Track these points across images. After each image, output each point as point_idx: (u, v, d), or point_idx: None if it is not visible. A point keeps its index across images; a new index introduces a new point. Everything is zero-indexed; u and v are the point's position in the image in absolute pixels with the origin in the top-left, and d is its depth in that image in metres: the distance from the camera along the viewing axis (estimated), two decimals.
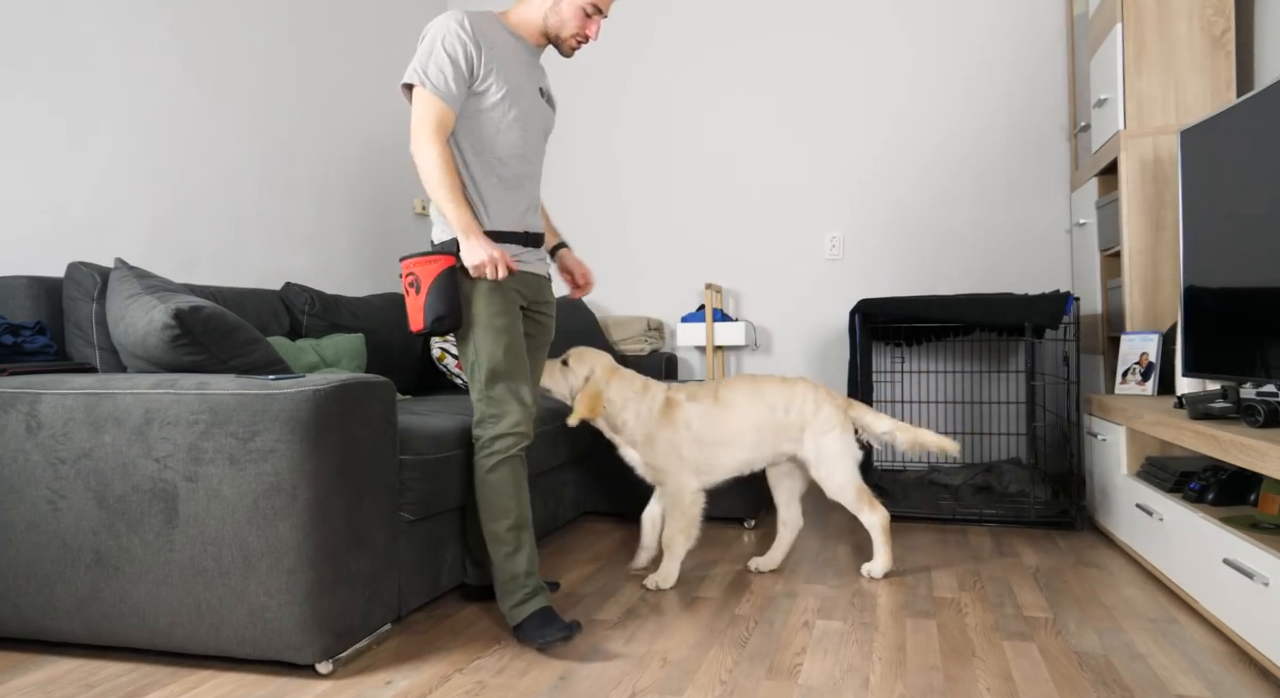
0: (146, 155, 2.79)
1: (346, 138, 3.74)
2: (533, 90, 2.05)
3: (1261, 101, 2.02)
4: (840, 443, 2.39)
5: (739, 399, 2.40)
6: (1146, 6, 2.86)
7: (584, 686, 1.70)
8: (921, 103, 3.92)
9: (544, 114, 2.10)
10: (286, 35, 3.40)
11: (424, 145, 1.88)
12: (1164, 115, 2.85)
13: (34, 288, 2.21)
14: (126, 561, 1.78)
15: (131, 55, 2.74)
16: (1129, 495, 2.53)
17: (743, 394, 2.40)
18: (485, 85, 1.94)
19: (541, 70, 2.13)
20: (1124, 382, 2.87)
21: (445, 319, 1.89)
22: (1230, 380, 2.14)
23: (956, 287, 3.86)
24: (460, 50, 1.89)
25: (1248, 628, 1.76)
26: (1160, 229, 2.82)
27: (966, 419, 3.84)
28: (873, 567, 2.42)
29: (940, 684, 1.68)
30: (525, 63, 2.04)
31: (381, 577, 1.90)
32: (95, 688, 1.70)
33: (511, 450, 1.96)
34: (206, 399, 1.74)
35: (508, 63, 1.98)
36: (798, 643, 1.92)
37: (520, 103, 2.00)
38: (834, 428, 2.39)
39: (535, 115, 2.05)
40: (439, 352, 3.37)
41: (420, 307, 1.89)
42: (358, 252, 3.81)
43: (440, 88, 1.88)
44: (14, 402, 1.85)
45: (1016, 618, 2.06)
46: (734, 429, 2.38)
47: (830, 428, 2.39)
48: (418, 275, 1.90)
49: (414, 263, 1.91)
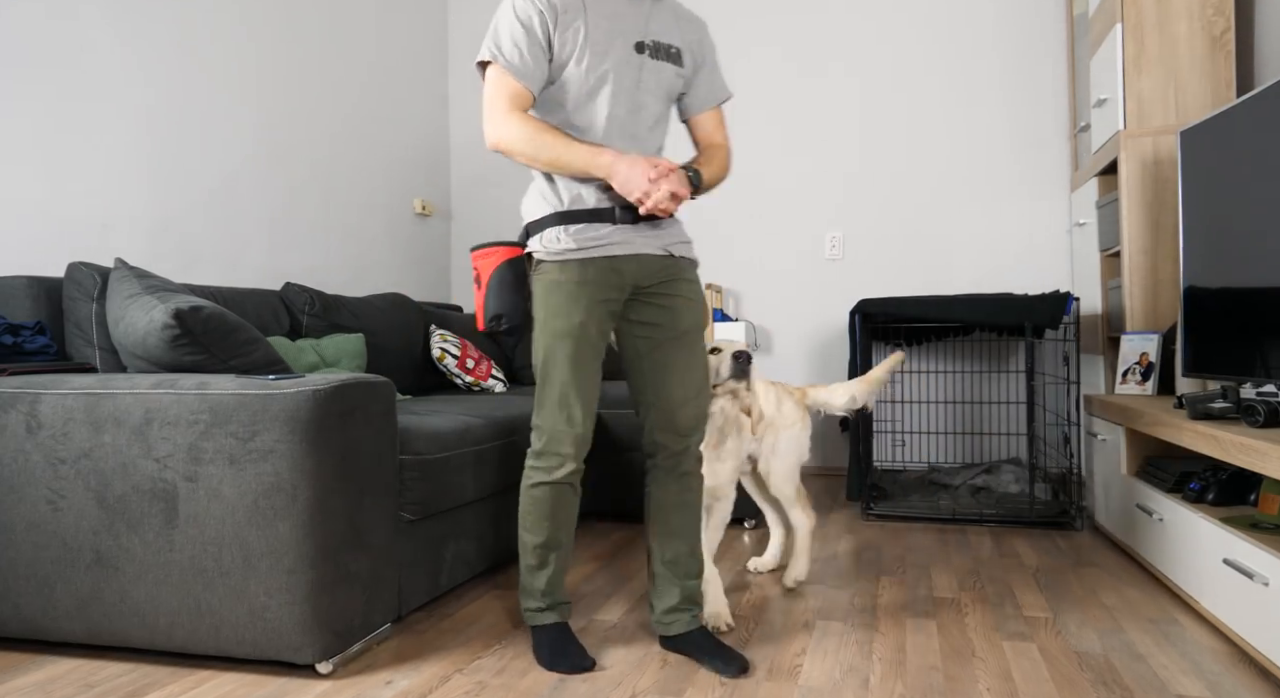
0: (147, 155, 2.79)
1: (346, 138, 3.75)
2: (625, 46, 1.74)
3: (1261, 101, 2.02)
4: (794, 439, 2.31)
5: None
6: (1146, 6, 2.86)
7: (584, 686, 1.70)
8: (921, 103, 3.92)
9: (646, 70, 1.76)
10: (287, 35, 3.40)
11: (499, 126, 1.68)
12: (1164, 115, 2.85)
13: (34, 288, 2.21)
14: (126, 561, 1.78)
15: (132, 55, 2.74)
16: (1129, 496, 2.53)
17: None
18: (563, 52, 1.71)
19: (650, 15, 1.79)
20: (1124, 382, 2.87)
21: (503, 318, 1.74)
22: (1230, 380, 2.14)
23: (956, 287, 3.86)
24: (536, 18, 1.69)
25: (1248, 628, 1.76)
26: (1160, 229, 2.82)
27: (966, 419, 3.84)
28: (796, 573, 2.31)
29: (940, 684, 1.68)
30: (617, 13, 1.75)
31: (381, 577, 1.90)
32: (95, 688, 1.70)
33: (555, 475, 1.77)
34: (206, 399, 1.74)
35: (592, 18, 1.72)
36: (798, 643, 1.92)
37: (605, 63, 1.72)
38: (794, 424, 2.32)
39: (627, 74, 1.73)
40: (439, 352, 3.36)
41: (480, 304, 1.76)
42: (358, 252, 3.81)
43: (514, 63, 1.68)
44: (14, 402, 1.85)
45: (1016, 618, 2.06)
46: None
47: (790, 423, 2.31)
48: (479, 269, 1.76)
49: (478, 255, 1.76)
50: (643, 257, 1.77)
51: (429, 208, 4.34)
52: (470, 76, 4.54)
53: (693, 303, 1.83)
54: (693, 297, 1.83)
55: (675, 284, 1.81)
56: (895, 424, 3.86)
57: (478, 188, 4.57)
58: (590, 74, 1.71)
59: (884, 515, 3.14)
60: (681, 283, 1.82)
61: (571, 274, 1.72)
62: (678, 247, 1.82)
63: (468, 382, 3.36)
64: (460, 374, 3.35)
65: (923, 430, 3.85)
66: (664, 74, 1.79)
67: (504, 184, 4.50)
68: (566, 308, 1.71)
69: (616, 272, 1.74)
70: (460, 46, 4.57)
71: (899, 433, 3.87)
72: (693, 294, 1.83)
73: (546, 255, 1.74)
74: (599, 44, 1.71)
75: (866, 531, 2.96)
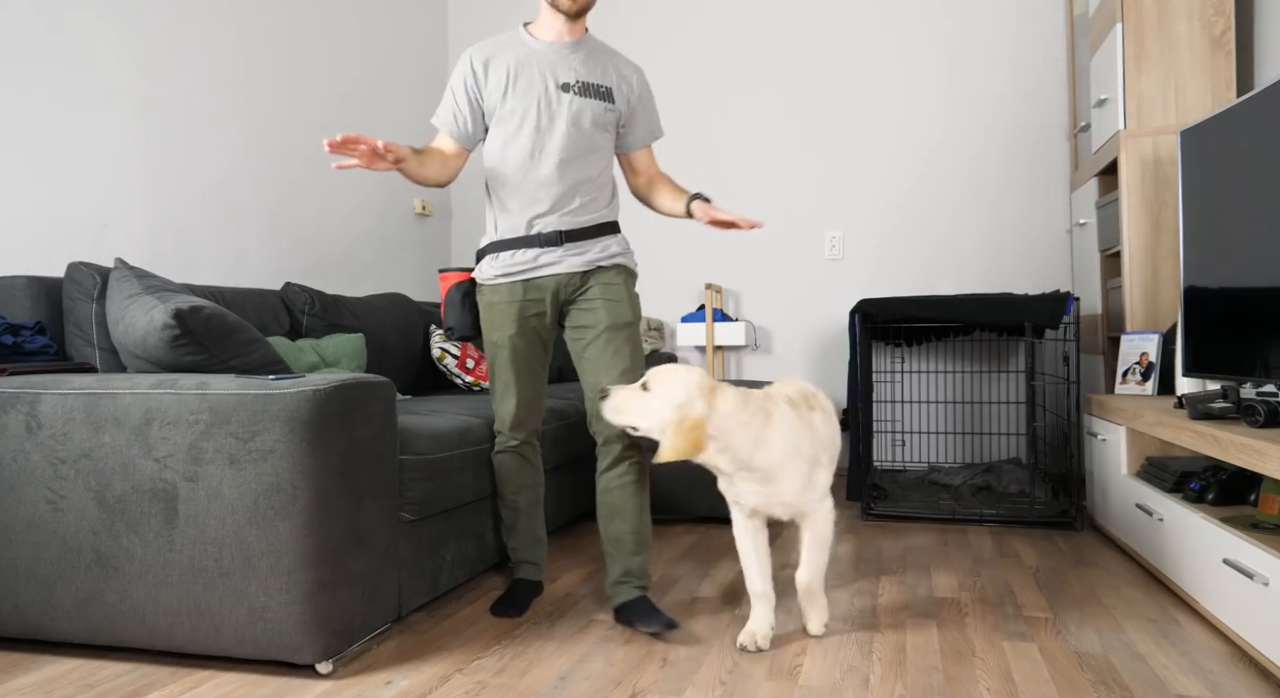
0: (146, 156, 2.79)
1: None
2: (549, 88, 2.04)
3: (1261, 101, 2.01)
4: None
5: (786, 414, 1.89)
6: (1146, 6, 2.86)
7: (584, 686, 1.70)
8: (921, 102, 3.92)
9: (568, 106, 2.04)
10: (286, 36, 3.40)
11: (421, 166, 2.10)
12: (1164, 115, 2.85)
13: (34, 288, 2.21)
14: (126, 561, 1.78)
15: (132, 56, 2.74)
16: (1129, 495, 2.53)
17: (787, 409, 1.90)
18: (490, 103, 2.07)
19: (577, 62, 2.08)
20: (1124, 382, 2.87)
21: (454, 330, 2.16)
22: (1230, 380, 2.14)
23: (956, 287, 3.87)
24: (461, 83, 2.09)
25: (1248, 628, 1.76)
26: (1160, 229, 2.82)
27: (966, 419, 3.84)
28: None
29: (940, 684, 1.68)
30: (542, 62, 2.06)
31: (381, 577, 1.90)
32: (95, 688, 1.70)
33: (504, 445, 2.20)
34: (206, 399, 1.74)
35: (519, 73, 2.05)
36: (798, 643, 1.92)
37: (529, 105, 2.03)
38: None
39: (550, 111, 2.04)
40: (439, 352, 3.37)
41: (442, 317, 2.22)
42: (358, 252, 3.81)
43: (445, 122, 2.11)
44: (14, 402, 1.85)
45: (1016, 618, 2.06)
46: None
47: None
48: (439, 288, 2.23)
49: (440, 277, 2.20)
50: (560, 275, 2.07)
51: (429, 208, 4.34)
52: None
53: (614, 303, 2.08)
54: (613, 297, 2.08)
55: (596, 289, 2.09)
56: (895, 424, 3.86)
57: (478, 188, 4.56)
58: (512, 118, 2.05)
59: (884, 515, 3.14)
60: (601, 287, 2.09)
61: (501, 295, 2.08)
62: (606, 260, 2.10)
63: (468, 382, 3.36)
64: (460, 374, 3.36)
65: (923, 430, 3.85)
66: (581, 106, 2.06)
67: None
68: (497, 323, 2.09)
69: (537, 289, 2.08)
70: (460, 44, 4.57)
71: (899, 433, 3.87)
72: (613, 295, 2.08)
73: (482, 280, 2.12)
74: (525, 94, 2.04)
75: (866, 530, 2.96)
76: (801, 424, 1.88)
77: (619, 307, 2.08)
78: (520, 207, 2.06)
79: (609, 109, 2.10)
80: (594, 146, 2.08)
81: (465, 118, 2.09)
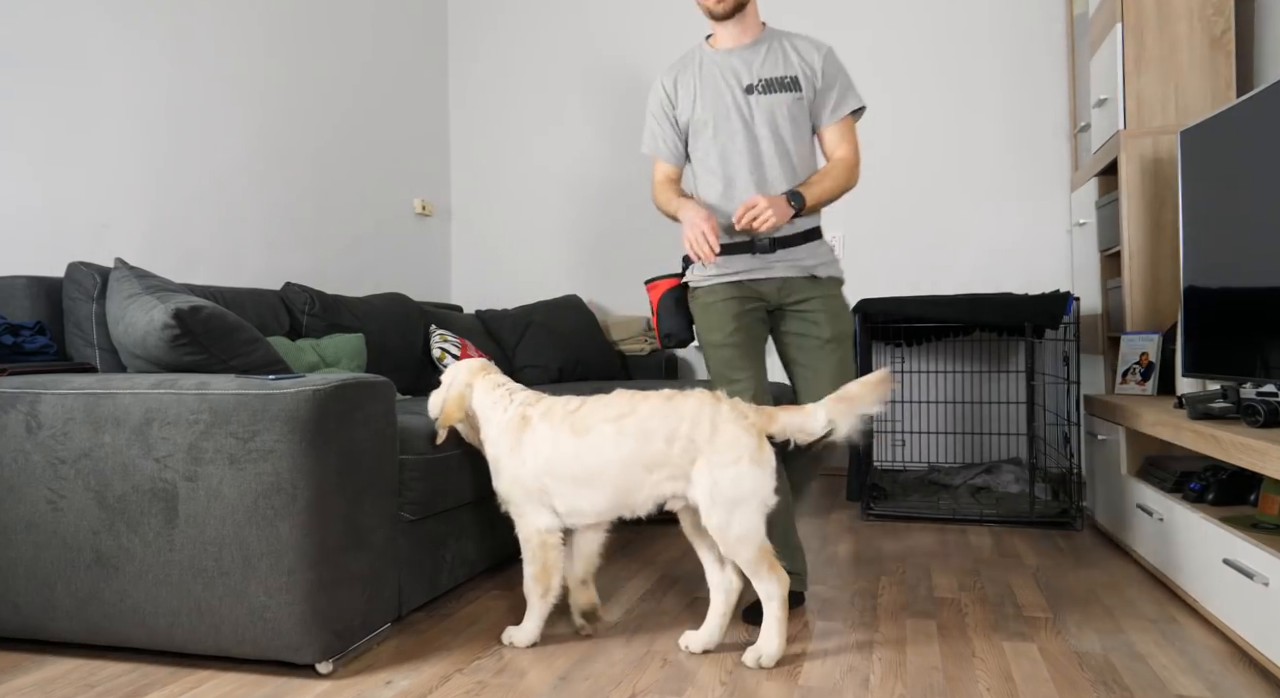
0: (146, 155, 2.79)
1: (346, 137, 3.75)
2: (735, 93, 2.10)
3: (1261, 101, 2.02)
4: (747, 480, 1.74)
5: (601, 426, 1.82)
6: (1146, 6, 2.86)
7: (584, 686, 1.70)
8: (921, 102, 3.92)
9: (757, 108, 2.09)
10: (286, 35, 3.40)
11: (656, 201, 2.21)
12: (1164, 115, 2.85)
13: (34, 288, 2.21)
14: (126, 561, 1.78)
15: (131, 55, 2.74)
16: (1129, 496, 2.53)
17: (606, 419, 1.83)
18: (684, 119, 2.16)
19: (757, 61, 2.12)
20: (1124, 382, 2.87)
21: (673, 336, 2.19)
22: (1230, 380, 2.14)
23: (957, 287, 3.86)
24: (658, 107, 2.20)
25: (1248, 628, 1.76)
26: (1160, 229, 2.82)
27: (966, 419, 3.84)
28: (762, 651, 1.77)
29: (940, 684, 1.68)
30: (724, 69, 2.13)
31: (381, 577, 1.90)
32: (95, 688, 1.70)
33: None
34: (206, 399, 1.74)
35: (704, 84, 2.13)
36: (798, 643, 1.92)
37: (715, 111, 2.10)
38: (740, 459, 1.75)
39: (734, 115, 2.10)
40: (439, 352, 3.37)
41: (655, 325, 2.23)
42: (358, 252, 3.81)
43: (652, 147, 2.22)
44: (14, 402, 1.85)
45: (1016, 618, 2.06)
46: (591, 465, 1.82)
47: (735, 459, 1.75)
48: (650, 298, 2.22)
49: (648, 287, 2.22)
50: (775, 280, 2.11)
51: (429, 208, 4.34)
52: (471, 76, 4.54)
53: (836, 315, 2.13)
54: (835, 310, 2.14)
55: (818, 300, 2.12)
56: (895, 424, 3.86)
57: (478, 187, 4.57)
58: (705, 129, 2.12)
59: (884, 515, 3.14)
60: (824, 299, 2.12)
61: (718, 294, 2.11)
62: (820, 268, 2.13)
63: None
64: None
65: (923, 430, 3.85)
66: (761, 103, 2.09)
67: (504, 184, 4.50)
68: (717, 323, 2.10)
69: (753, 289, 2.11)
70: (460, 45, 4.57)
71: (899, 433, 3.87)
72: (834, 307, 2.13)
73: (695, 283, 2.16)
74: (710, 104, 2.11)
75: (866, 530, 2.96)
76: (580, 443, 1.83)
77: (840, 319, 2.14)
78: (726, 212, 2.08)
79: (798, 99, 2.11)
80: (796, 138, 2.12)
81: (671, 139, 2.19)
